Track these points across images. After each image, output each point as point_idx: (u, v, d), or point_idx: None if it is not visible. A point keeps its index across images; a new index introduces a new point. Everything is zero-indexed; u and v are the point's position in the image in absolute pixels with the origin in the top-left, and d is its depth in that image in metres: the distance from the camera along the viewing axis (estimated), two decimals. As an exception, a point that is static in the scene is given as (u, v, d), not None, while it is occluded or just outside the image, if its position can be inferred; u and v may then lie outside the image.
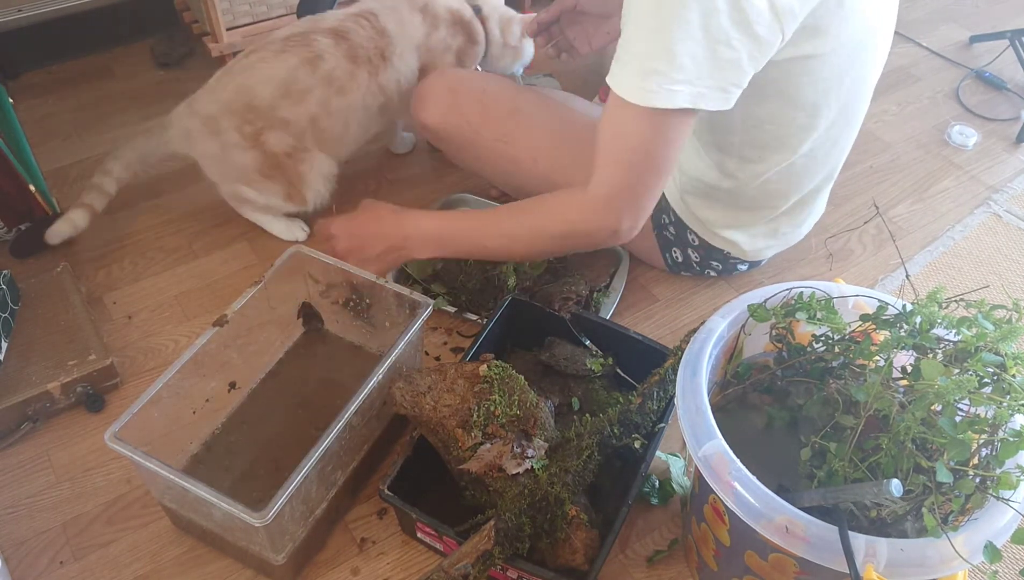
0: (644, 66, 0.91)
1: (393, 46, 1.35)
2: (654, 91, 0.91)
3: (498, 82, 1.37)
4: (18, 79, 1.76)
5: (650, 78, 0.90)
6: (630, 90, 0.92)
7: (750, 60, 0.91)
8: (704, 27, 0.87)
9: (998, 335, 0.77)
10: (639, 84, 0.91)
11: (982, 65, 1.90)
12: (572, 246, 1.15)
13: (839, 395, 0.87)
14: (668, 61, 0.89)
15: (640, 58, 0.91)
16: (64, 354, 1.18)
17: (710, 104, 0.92)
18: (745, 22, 0.88)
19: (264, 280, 1.10)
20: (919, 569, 0.74)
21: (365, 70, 1.33)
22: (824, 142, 1.12)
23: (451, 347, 1.29)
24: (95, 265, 1.40)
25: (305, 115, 1.30)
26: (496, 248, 1.15)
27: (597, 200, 1.01)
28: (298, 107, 1.29)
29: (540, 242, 1.11)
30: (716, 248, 1.28)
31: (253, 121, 1.28)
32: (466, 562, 0.85)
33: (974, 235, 1.51)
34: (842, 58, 1.01)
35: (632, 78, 0.92)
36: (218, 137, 1.30)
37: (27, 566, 1.02)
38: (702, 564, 0.98)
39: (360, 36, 1.32)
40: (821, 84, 1.03)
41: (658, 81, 0.90)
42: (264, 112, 1.28)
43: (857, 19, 0.99)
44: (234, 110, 1.28)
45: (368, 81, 1.33)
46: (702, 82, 0.90)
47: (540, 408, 0.98)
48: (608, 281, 1.34)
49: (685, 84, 0.90)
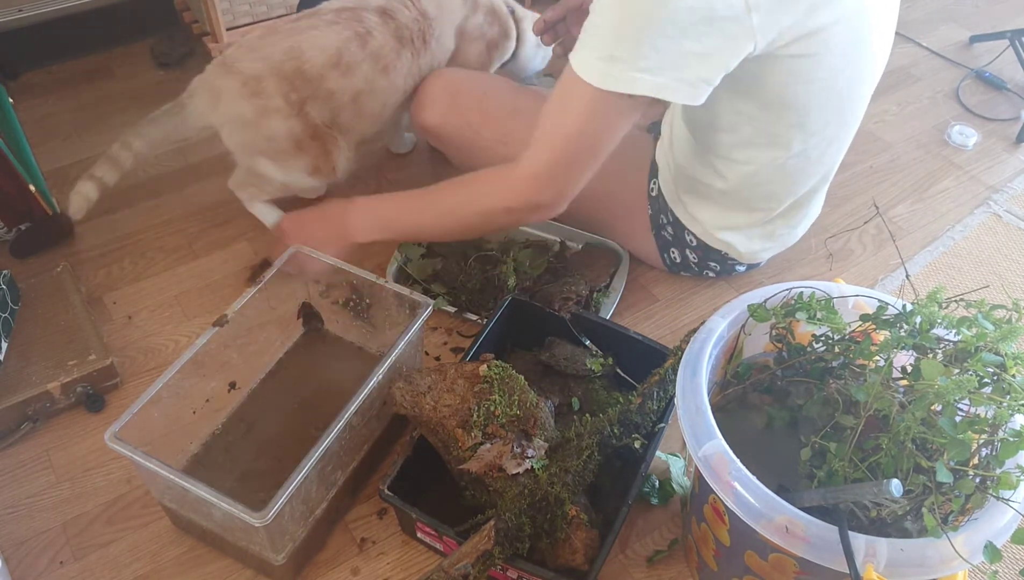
0: (609, 51, 0.91)
1: (433, 29, 1.35)
2: (615, 76, 0.91)
3: (498, 83, 1.37)
4: (18, 79, 1.76)
5: (614, 63, 0.91)
6: (592, 72, 0.93)
7: (719, 57, 0.91)
8: (672, 20, 0.87)
9: (998, 335, 0.77)
10: (602, 68, 0.92)
11: (982, 65, 1.90)
12: (495, 223, 1.17)
13: (839, 395, 0.87)
14: (633, 49, 0.89)
15: (606, 43, 0.92)
16: (64, 354, 1.18)
17: (674, 96, 0.92)
18: (715, 18, 0.88)
19: (264, 280, 1.10)
20: (919, 569, 0.74)
21: (409, 51, 1.32)
22: (818, 143, 1.12)
23: (451, 347, 1.29)
24: (95, 265, 1.40)
25: (350, 89, 1.28)
26: (432, 226, 1.16)
27: (524, 176, 1.03)
28: (345, 80, 1.27)
29: (467, 218, 1.12)
30: (714, 249, 1.28)
31: (300, 89, 1.25)
32: (466, 562, 0.85)
33: (974, 235, 1.51)
34: (837, 57, 1.00)
35: (595, 61, 0.93)
36: (257, 100, 1.25)
37: (27, 566, 1.02)
38: (702, 564, 0.98)
39: (405, 16, 1.32)
40: (813, 83, 1.02)
41: (621, 68, 0.91)
42: (313, 80, 1.25)
43: (851, 20, 0.98)
44: (284, 74, 1.24)
45: (410, 63, 1.33)
46: (665, 73, 0.90)
47: (540, 408, 0.98)
48: (608, 281, 1.34)
49: (647, 73, 0.90)
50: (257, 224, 1.47)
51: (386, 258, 1.40)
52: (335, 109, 1.29)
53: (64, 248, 1.42)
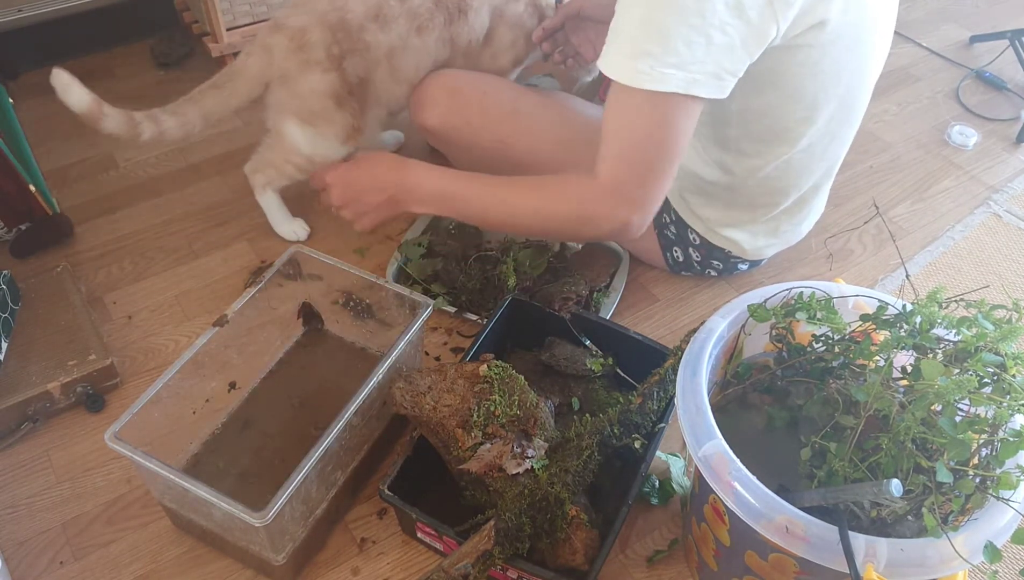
0: (637, 48, 0.91)
1: (470, 1, 1.34)
2: (646, 73, 0.90)
3: (498, 83, 1.37)
4: (18, 79, 1.76)
5: (642, 60, 0.90)
6: (621, 71, 0.92)
7: (743, 47, 0.91)
8: (699, 12, 0.87)
9: (998, 335, 0.77)
10: (631, 65, 0.91)
11: (982, 65, 1.90)
12: (578, 231, 1.11)
13: (839, 395, 0.87)
14: (662, 44, 0.89)
15: (633, 40, 0.91)
16: (64, 354, 1.18)
17: (704, 91, 0.92)
18: (740, 7, 0.88)
19: (264, 280, 1.10)
20: (919, 569, 0.74)
21: (443, 16, 1.31)
22: (823, 137, 1.12)
23: (451, 347, 1.29)
24: (95, 265, 1.40)
25: (386, 45, 1.27)
26: (497, 219, 1.11)
27: (606, 188, 0.99)
28: (382, 34, 1.26)
29: (546, 222, 1.08)
30: (717, 247, 1.28)
31: (342, 42, 1.24)
32: (466, 562, 0.85)
33: (974, 235, 1.51)
34: (841, 50, 1.01)
35: (623, 59, 0.92)
36: (301, 53, 1.24)
37: (27, 566, 1.02)
38: (702, 564, 0.98)
39: None
40: (820, 76, 1.03)
41: (650, 63, 0.90)
42: (353, 32, 1.25)
43: (857, 11, 0.99)
44: (328, 24, 1.23)
45: (443, 28, 1.32)
46: (696, 67, 0.90)
47: (540, 408, 0.98)
48: (608, 281, 1.34)
49: (677, 68, 0.89)
50: (257, 224, 1.47)
51: (386, 258, 1.40)
52: (371, 65, 1.28)
53: (64, 248, 1.42)
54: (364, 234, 1.43)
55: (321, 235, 1.45)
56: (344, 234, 1.44)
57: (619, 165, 0.98)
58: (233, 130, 1.68)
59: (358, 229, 1.22)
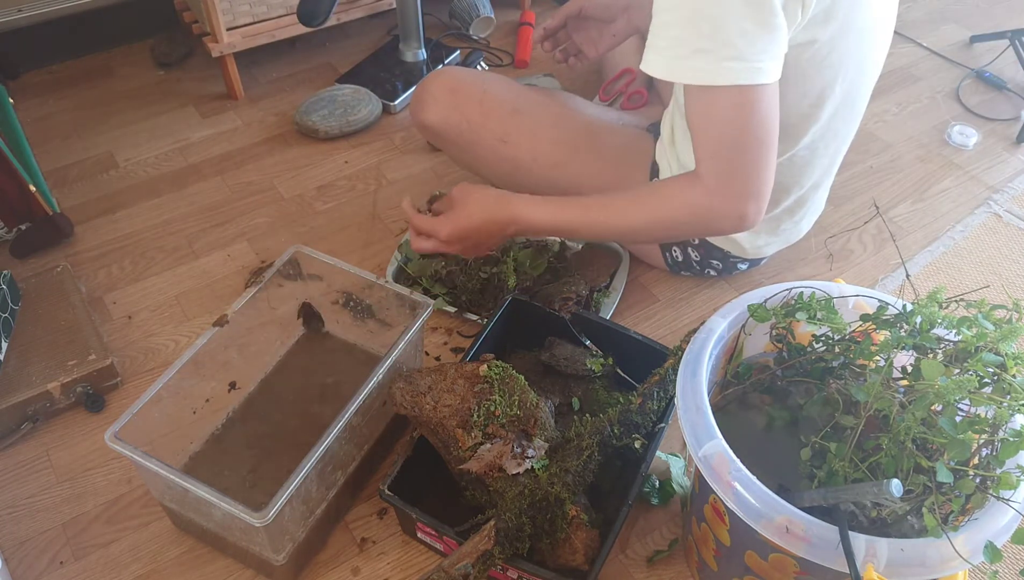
0: (694, 46, 0.90)
1: None
2: (707, 70, 0.90)
3: (498, 82, 1.37)
4: (18, 79, 1.76)
5: (699, 57, 0.90)
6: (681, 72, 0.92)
7: (783, 30, 0.91)
8: (747, 2, 0.87)
9: (998, 335, 0.77)
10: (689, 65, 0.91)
11: (982, 65, 1.90)
12: (701, 232, 1.18)
13: (839, 395, 0.87)
14: (716, 37, 0.88)
15: (686, 39, 0.90)
16: (64, 354, 1.18)
17: (766, 77, 0.91)
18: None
19: (264, 280, 1.10)
20: (919, 569, 0.74)
21: None
22: (825, 133, 1.12)
23: (451, 347, 1.29)
24: (95, 265, 1.40)
25: None
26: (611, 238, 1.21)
27: (711, 188, 0.99)
28: None
29: (664, 230, 1.11)
30: (716, 246, 1.28)
31: None
32: (466, 562, 0.85)
33: (974, 235, 1.51)
34: (848, 44, 1.01)
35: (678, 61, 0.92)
36: None
37: (27, 566, 1.02)
38: (702, 564, 0.98)
39: None
40: (827, 70, 1.03)
41: (708, 60, 0.89)
42: None
43: (864, 6, 0.99)
44: None
45: None
46: (756, 57, 0.89)
47: (540, 408, 0.98)
48: (608, 281, 1.34)
49: (736, 60, 0.89)
50: (257, 224, 1.47)
51: (386, 258, 1.40)
52: None
53: (64, 248, 1.42)
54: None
55: (321, 235, 1.45)
56: (344, 234, 1.44)
57: (716, 163, 0.98)
58: (233, 130, 1.68)
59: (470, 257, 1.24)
